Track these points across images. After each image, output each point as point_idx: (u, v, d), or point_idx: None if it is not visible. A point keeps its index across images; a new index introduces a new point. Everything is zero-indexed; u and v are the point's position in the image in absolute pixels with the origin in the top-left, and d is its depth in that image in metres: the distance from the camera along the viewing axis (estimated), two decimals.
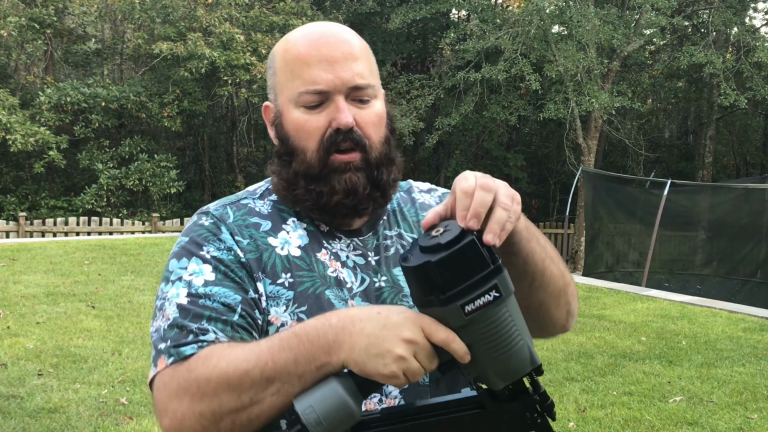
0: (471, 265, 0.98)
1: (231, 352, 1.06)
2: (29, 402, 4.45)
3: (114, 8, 16.95)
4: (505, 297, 0.99)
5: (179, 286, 1.15)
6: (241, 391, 1.03)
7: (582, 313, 7.61)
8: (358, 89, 1.19)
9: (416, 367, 1.00)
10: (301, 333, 1.04)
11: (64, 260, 9.51)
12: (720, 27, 17.60)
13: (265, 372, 1.03)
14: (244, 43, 16.58)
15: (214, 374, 1.04)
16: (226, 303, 1.13)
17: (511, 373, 1.02)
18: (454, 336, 1.00)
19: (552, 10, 15.94)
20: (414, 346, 0.99)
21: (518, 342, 1.01)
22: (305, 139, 1.19)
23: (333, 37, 1.20)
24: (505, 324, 1.00)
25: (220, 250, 1.18)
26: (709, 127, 20.72)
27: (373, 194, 1.21)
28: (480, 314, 0.98)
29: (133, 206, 17.21)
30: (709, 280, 13.42)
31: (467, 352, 1.01)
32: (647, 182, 14.54)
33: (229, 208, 1.25)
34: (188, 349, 1.08)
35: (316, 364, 1.02)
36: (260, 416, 1.04)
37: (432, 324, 1.00)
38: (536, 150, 22.59)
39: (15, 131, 14.69)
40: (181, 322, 1.11)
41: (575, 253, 17.17)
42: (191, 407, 1.05)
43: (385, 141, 1.23)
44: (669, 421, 4.51)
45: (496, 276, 0.99)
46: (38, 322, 6.31)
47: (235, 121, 19.34)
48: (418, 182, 1.43)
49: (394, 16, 17.71)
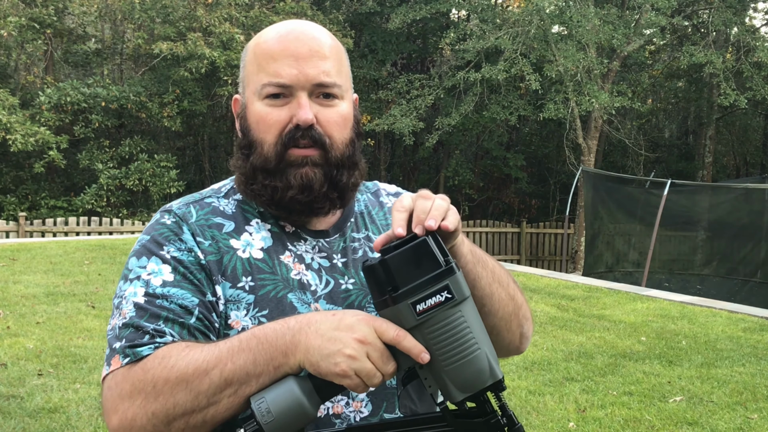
0: (422, 264, 1.00)
1: (189, 353, 1.05)
2: (29, 402, 4.45)
3: (114, 8, 16.95)
4: (458, 300, 0.99)
5: (137, 285, 1.14)
6: (199, 391, 1.03)
7: (582, 313, 7.61)
8: (322, 86, 1.18)
9: (369, 367, 0.99)
10: (260, 334, 1.05)
11: (64, 260, 9.51)
12: (720, 27, 17.59)
13: (224, 373, 1.03)
14: (244, 43, 16.56)
15: (172, 374, 1.04)
16: (184, 305, 1.12)
17: (469, 384, 1.00)
18: (405, 333, 1.00)
19: (552, 10, 15.93)
20: (365, 346, 0.99)
21: (474, 350, 1.00)
22: (264, 132, 1.19)
23: (303, 35, 1.20)
24: (459, 329, 1.00)
25: (180, 251, 1.17)
26: (709, 127, 20.72)
27: (330, 194, 1.20)
28: (432, 315, 0.99)
29: (133, 206, 17.21)
30: (709, 280, 13.42)
31: (423, 350, 1.00)
32: (647, 182, 14.54)
33: (192, 206, 1.23)
34: (145, 350, 1.07)
35: (274, 364, 1.03)
36: (215, 417, 1.04)
37: (384, 323, 1.01)
38: (536, 150, 22.59)
39: (15, 131, 14.69)
40: (138, 322, 1.10)
41: (575, 253, 17.17)
42: (144, 407, 1.04)
43: (349, 143, 1.21)
44: (669, 421, 4.51)
45: (447, 276, 1.00)
46: (38, 322, 6.31)
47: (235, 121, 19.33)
48: (384, 184, 1.42)
49: (394, 16, 17.70)
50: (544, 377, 5.28)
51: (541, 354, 5.90)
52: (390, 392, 1.19)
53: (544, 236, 19.62)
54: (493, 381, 1.01)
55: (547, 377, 5.30)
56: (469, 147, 21.61)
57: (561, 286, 9.23)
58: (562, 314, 7.46)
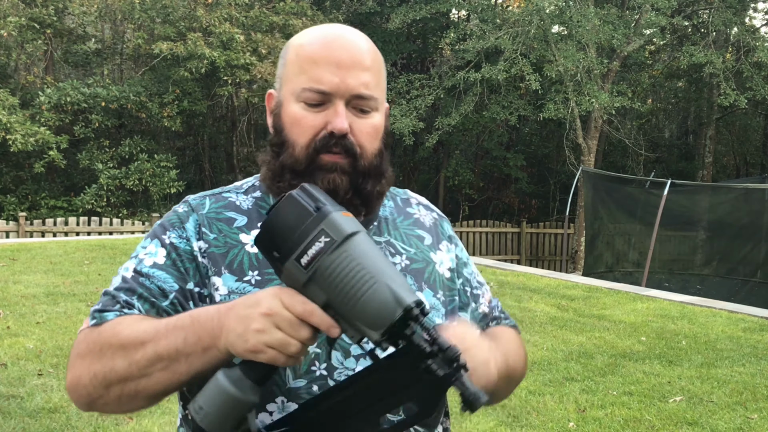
0: (294, 219, 1.00)
1: (137, 324, 1.10)
2: (29, 402, 4.45)
3: (114, 8, 16.95)
4: (338, 240, 0.98)
5: (133, 261, 1.22)
6: (132, 361, 1.07)
7: (582, 313, 7.61)
8: (360, 98, 1.19)
9: (279, 336, 0.99)
10: (195, 315, 1.07)
11: (64, 260, 9.51)
12: (720, 27, 17.59)
13: (157, 347, 1.06)
14: (244, 43, 16.58)
15: (115, 340, 1.09)
16: (162, 288, 1.17)
17: (379, 320, 0.97)
18: (313, 309, 0.99)
19: (552, 10, 15.94)
20: (273, 317, 0.99)
21: (371, 284, 0.97)
22: (298, 134, 1.20)
23: (348, 43, 1.21)
24: (349, 268, 0.97)
25: (179, 238, 1.22)
26: (709, 127, 20.71)
27: (354, 201, 1.21)
28: (318, 263, 0.98)
29: (133, 206, 17.21)
30: (709, 280, 13.42)
31: (331, 324, 1.00)
32: (647, 182, 14.53)
33: (208, 198, 1.28)
34: (110, 316, 1.14)
35: (202, 345, 1.04)
36: (147, 389, 1.08)
37: (291, 295, 1.00)
38: (536, 150, 22.59)
39: (15, 131, 14.68)
40: (115, 292, 1.18)
41: (575, 253, 17.17)
42: (89, 367, 1.10)
43: (378, 154, 1.23)
44: (669, 421, 4.51)
45: (321, 221, 0.99)
46: (38, 322, 6.31)
47: (235, 121, 19.33)
48: (416, 195, 1.43)
49: (394, 16, 17.70)
50: (544, 377, 5.28)
51: (541, 354, 5.90)
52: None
53: (544, 236, 19.61)
54: (403, 309, 0.96)
55: (547, 377, 5.29)
56: (469, 147, 21.61)
57: (561, 286, 9.23)
58: (562, 314, 7.46)
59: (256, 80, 16.61)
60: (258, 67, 16.16)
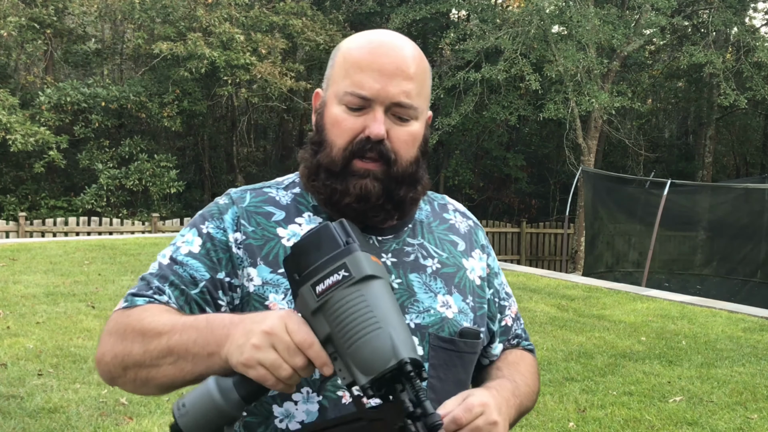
0: (323, 247, 1.01)
1: (161, 315, 1.15)
2: (29, 402, 4.45)
3: (114, 8, 16.94)
4: (356, 278, 0.99)
5: (171, 248, 1.27)
6: (147, 349, 1.12)
7: (582, 313, 7.61)
8: (399, 106, 1.22)
9: (273, 357, 0.99)
10: (211, 319, 1.10)
11: (64, 260, 9.51)
12: (720, 27, 17.59)
13: (170, 341, 1.10)
14: (244, 43, 16.57)
15: (138, 325, 1.14)
16: (193, 276, 1.22)
17: (370, 365, 0.96)
18: (313, 342, 1.00)
19: (552, 10, 15.93)
20: (271, 337, 1.00)
21: (374, 329, 0.97)
22: (337, 136, 1.23)
23: (392, 50, 1.23)
24: (357, 307, 0.98)
25: (216, 229, 1.26)
26: (709, 127, 20.71)
27: (386, 206, 1.24)
28: (331, 295, 0.99)
29: (133, 206, 17.21)
30: (709, 280, 13.42)
31: (325, 363, 1.00)
32: (647, 182, 14.53)
33: (249, 193, 1.32)
34: (140, 301, 1.20)
35: (208, 350, 1.07)
36: (156, 379, 1.13)
37: (297, 323, 1.01)
38: (536, 150, 22.59)
39: (15, 131, 14.69)
40: (150, 277, 1.23)
41: (575, 253, 17.17)
42: (112, 346, 1.16)
43: (414, 161, 1.25)
44: (669, 421, 4.51)
45: (345, 256, 1.00)
46: (38, 322, 6.31)
47: (235, 121, 19.33)
48: (454, 201, 1.45)
49: (394, 16, 17.70)
50: (544, 377, 5.28)
51: (541, 354, 5.89)
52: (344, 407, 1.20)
53: (544, 236, 19.62)
54: (397, 362, 0.95)
55: (547, 377, 5.29)
56: (469, 147, 21.61)
57: (561, 286, 9.23)
58: (562, 314, 7.46)
59: (256, 80, 16.60)
60: (258, 67, 16.15)
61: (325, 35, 17.37)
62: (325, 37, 17.31)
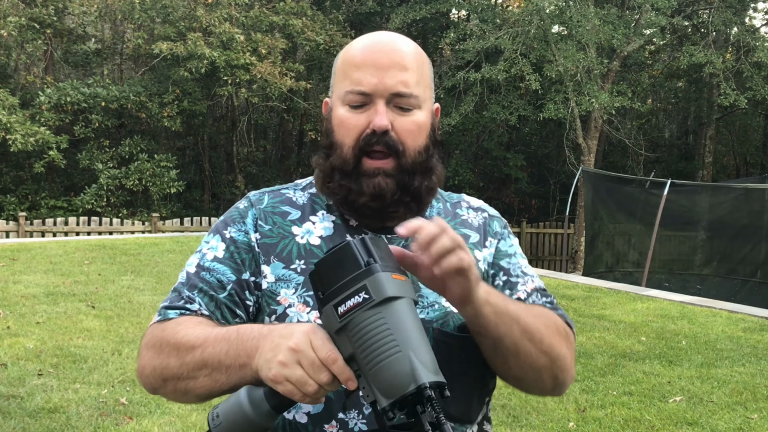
0: (345, 266, 1.01)
1: (194, 328, 1.18)
2: (29, 402, 4.45)
3: (114, 8, 16.95)
4: (376, 300, 0.98)
5: (197, 256, 1.31)
6: (183, 362, 1.15)
7: (582, 313, 7.61)
8: (399, 96, 1.24)
9: (299, 374, 1.01)
10: (241, 331, 1.12)
11: (64, 260, 9.51)
12: (720, 27, 17.60)
13: (204, 354, 1.13)
14: (244, 43, 16.57)
15: (172, 339, 1.18)
16: (221, 280, 1.26)
17: (390, 389, 0.97)
18: (337, 357, 1.00)
19: (552, 10, 15.93)
20: (297, 354, 1.01)
21: (394, 352, 0.97)
22: (344, 135, 1.26)
23: (386, 46, 1.27)
24: (377, 330, 0.98)
25: (239, 232, 1.31)
26: (709, 127, 20.72)
27: (404, 198, 1.26)
28: (352, 316, 0.99)
29: (133, 206, 17.21)
30: (709, 280, 13.41)
31: (350, 378, 1.00)
32: (647, 182, 14.53)
33: (267, 195, 1.37)
34: (172, 314, 1.23)
35: (240, 362, 1.09)
36: (194, 390, 1.16)
37: (321, 339, 1.02)
38: (536, 150, 22.59)
39: (15, 131, 14.69)
40: (180, 287, 1.27)
41: (575, 253, 17.18)
42: (151, 360, 1.20)
43: (424, 150, 1.27)
44: (669, 421, 4.51)
45: (366, 277, 0.99)
46: (38, 322, 6.31)
47: (235, 121, 19.33)
48: (470, 198, 1.44)
49: (394, 16, 17.70)
50: None
51: None
52: None
53: (544, 236, 19.62)
54: (417, 386, 0.96)
55: None
56: (469, 147, 21.62)
57: (561, 286, 9.23)
58: None
59: (256, 80, 16.60)
60: (258, 67, 16.15)
61: (325, 35, 17.37)
62: (325, 37, 17.31)
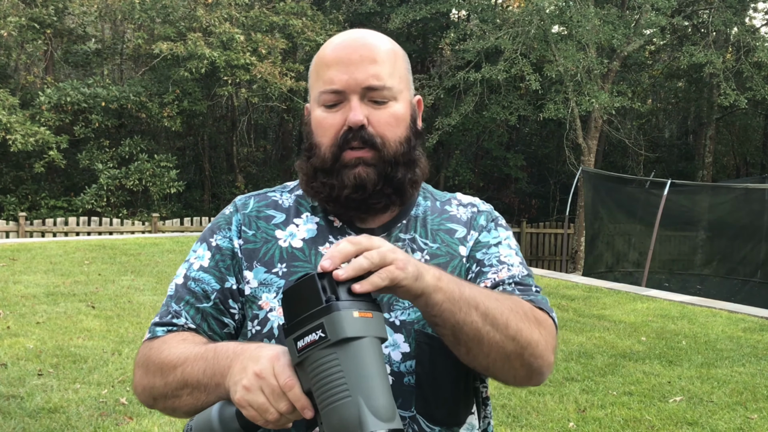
0: (306, 300, 0.98)
1: (177, 346, 1.19)
2: (29, 402, 4.45)
3: (114, 8, 16.95)
4: (331, 341, 0.94)
5: (185, 266, 1.31)
6: (167, 382, 1.17)
7: (582, 313, 7.61)
8: (372, 90, 1.23)
9: (261, 401, 0.99)
10: (218, 350, 1.12)
11: (64, 260, 9.51)
12: (720, 27, 17.59)
13: (184, 373, 1.14)
14: (244, 43, 16.57)
15: (157, 359, 1.19)
16: (205, 290, 1.27)
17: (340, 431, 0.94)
18: (293, 384, 0.98)
19: (552, 10, 15.94)
20: (260, 380, 1.00)
21: (342, 398, 0.93)
22: (322, 136, 1.26)
23: (355, 42, 1.26)
24: (329, 372, 0.95)
25: (224, 239, 1.31)
26: (709, 127, 20.72)
27: (386, 190, 1.25)
28: (308, 353, 0.96)
29: (133, 206, 17.22)
30: (709, 280, 13.42)
31: (306, 406, 0.98)
32: (647, 182, 14.53)
33: (253, 198, 1.36)
34: (159, 331, 1.25)
35: (215, 381, 1.09)
36: (181, 408, 1.17)
37: (282, 366, 1.00)
38: (536, 150, 22.59)
39: (15, 131, 14.69)
40: (168, 301, 1.28)
41: (575, 253, 17.18)
42: (140, 380, 1.23)
43: (405, 141, 1.26)
44: (669, 421, 4.51)
45: (323, 315, 0.95)
46: (38, 322, 6.31)
47: (235, 121, 19.34)
48: (463, 195, 1.42)
49: (394, 16, 17.71)
50: None
51: None
52: None
53: (544, 236, 19.62)
54: None
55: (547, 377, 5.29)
56: (469, 147, 21.62)
57: (561, 286, 9.23)
58: (562, 314, 7.46)
59: (256, 80, 16.60)
60: (258, 67, 16.15)
61: (325, 35, 17.37)
62: (325, 37, 17.30)
